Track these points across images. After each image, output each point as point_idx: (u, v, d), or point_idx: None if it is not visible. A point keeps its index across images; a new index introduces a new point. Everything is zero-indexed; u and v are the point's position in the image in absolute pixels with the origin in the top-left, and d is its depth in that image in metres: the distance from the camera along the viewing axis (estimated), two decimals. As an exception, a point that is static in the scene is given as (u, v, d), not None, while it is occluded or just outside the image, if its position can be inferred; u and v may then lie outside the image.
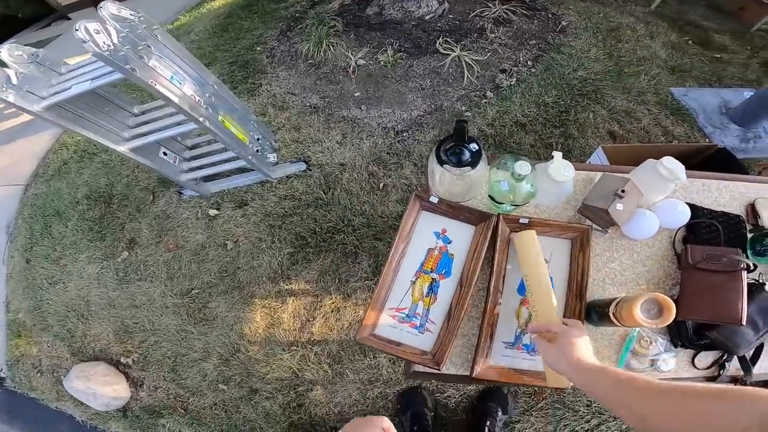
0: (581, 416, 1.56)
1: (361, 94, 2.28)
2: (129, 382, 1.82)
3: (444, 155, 0.89)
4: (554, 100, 2.11)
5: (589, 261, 0.94)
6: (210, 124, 1.51)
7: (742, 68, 2.36)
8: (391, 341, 0.92)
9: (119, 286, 1.99)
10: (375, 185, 1.94)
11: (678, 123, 2.10)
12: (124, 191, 2.22)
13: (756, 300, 0.90)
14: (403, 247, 0.99)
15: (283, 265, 1.84)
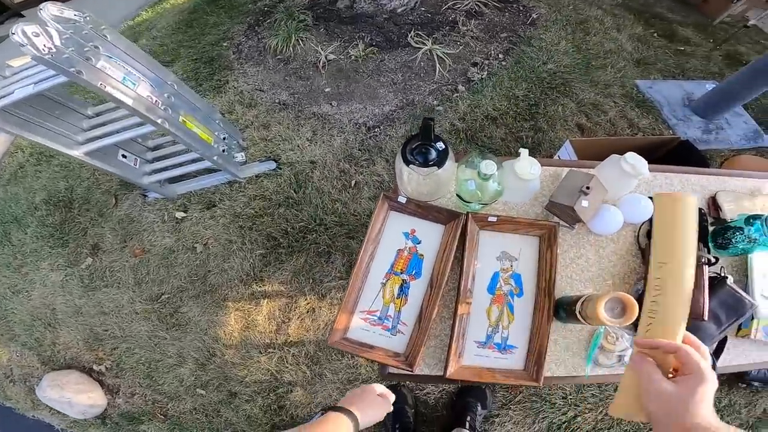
0: (558, 408, 1.59)
1: (331, 90, 2.22)
2: (104, 390, 1.76)
3: (410, 155, 0.87)
4: (524, 93, 2.13)
5: (556, 258, 0.95)
6: (170, 126, 1.45)
7: (704, 61, 2.43)
8: (363, 344, 0.90)
9: (85, 293, 1.91)
10: (347, 183, 1.91)
11: (643, 115, 2.15)
12: (85, 195, 2.11)
13: (718, 294, 0.91)
14: (372, 249, 0.97)
15: (255, 266, 1.80)
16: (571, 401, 1.60)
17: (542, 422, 1.57)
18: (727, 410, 1.65)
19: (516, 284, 0.97)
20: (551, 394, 1.61)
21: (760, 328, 0.95)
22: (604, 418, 1.58)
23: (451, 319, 0.92)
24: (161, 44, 2.83)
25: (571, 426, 1.57)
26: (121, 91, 1.29)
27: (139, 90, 1.37)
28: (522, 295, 0.96)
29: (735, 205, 1.08)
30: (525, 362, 0.91)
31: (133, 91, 1.35)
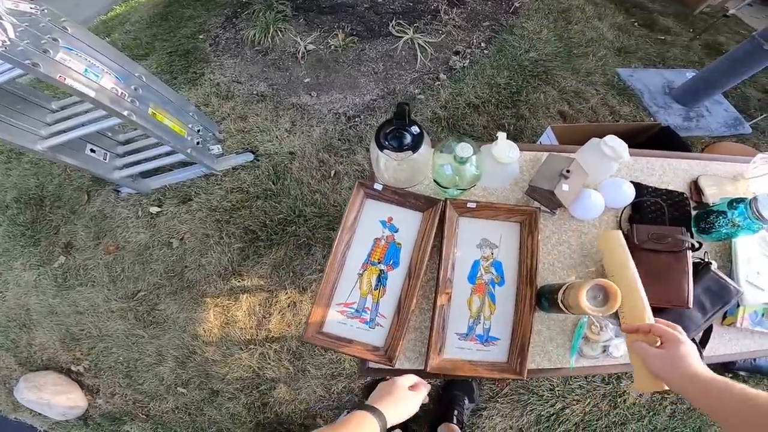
0: (546, 400, 1.57)
1: (311, 80, 2.16)
2: (84, 390, 1.70)
3: (384, 140, 0.83)
4: (506, 81, 2.10)
5: (538, 244, 0.92)
6: (137, 118, 1.39)
7: (684, 50, 2.43)
8: (341, 338, 0.86)
9: (59, 292, 1.82)
10: (326, 173, 1.86)
11: (624, 103, 2.14)
12: (57, 192, 2.01)
13: (702, 280, 0.89)
14: (348, 239, 0.93)
15: (234, 261, 1.74)
16: (558, 393, 1.58)
17: (530, 415, 1.55)
18: None
19: (497, 273, 0.94)
20: (539, 386, 1.59)
21: (746, 316, 0.94)
22: (593, 409, 1.57)
23: (431, 310, 0.88)
24: (135, 38, 2.71)
25: (560, 418, 1.55)
26: (82, 83, 1.24)
27: (102, 82, 1.31)
28: (503, 284, 0.92)
29: (717, 189, 1.06)
30: (508, 354, 0.87)
31: (96, 83, 1.29)
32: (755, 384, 1.65)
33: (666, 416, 1.60)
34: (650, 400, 1.61)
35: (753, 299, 0.92)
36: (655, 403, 1.61)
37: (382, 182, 0.95)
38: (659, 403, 1.62)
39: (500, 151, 0.94)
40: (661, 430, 1.59)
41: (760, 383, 1.65)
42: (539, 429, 1.54)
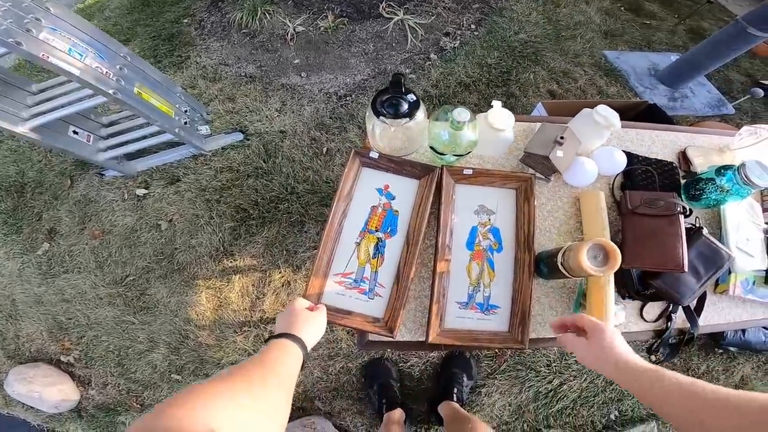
0: (543, 376, 1.57)
1: (300, 61, 2.10)
2: (75, 381, 1.63)
3: (380, 107, 0.81)
4: (497, 61, 2.08)
5: (534, 210, 0.90)
6: (123, 96, 1.34)
7: (669, 34, 2.45)
8: (339, 310, 0.83)
9: (44, 280, 1.74)
10: (318, 150, 1.81)
11: (611, 83, 2.15)
12: (38, 178, 1.91)
13: (695, 245, 0.88)
14: (344, 207, 0.90)
15: (225, 241, 1.68)
16: (555, 369, 1.58)
17: (528, 391, 1.54)
18: (706, 377, 1.63)
19: (495, 239, 0.91)
20: (535, 361, 1.58)
21: (738, 284, 0.93)
22: (589, 386, 1.57)
23: (431, 278, 0.85)
24: (115, 24, 2.59)
25: (557, 394, 1.55)
26: (66, 62, 1.19)
27: (87, 61, 1.26)
28: (501, 250, 0.91)
29: (704, 159, 1.07)
30: (509, 323, 0.85)
31: (81, 62, 1.24)
32: (745, 360, 1.67)
33: None
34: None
35: (744, 265, 0.92)
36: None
37: (378, 151, 0.92)
38: None
39: (496, 117, 0.93)
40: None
41: (749, 360, 1.67)
42: (537, 406, 1.54)
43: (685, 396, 0.47)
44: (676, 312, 0.90)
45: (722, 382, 1.63)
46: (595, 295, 0.84)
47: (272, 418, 0.42)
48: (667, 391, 0.48)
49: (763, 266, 0.93)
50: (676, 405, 0.47)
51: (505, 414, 1.52)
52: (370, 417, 1.52)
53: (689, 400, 0.46)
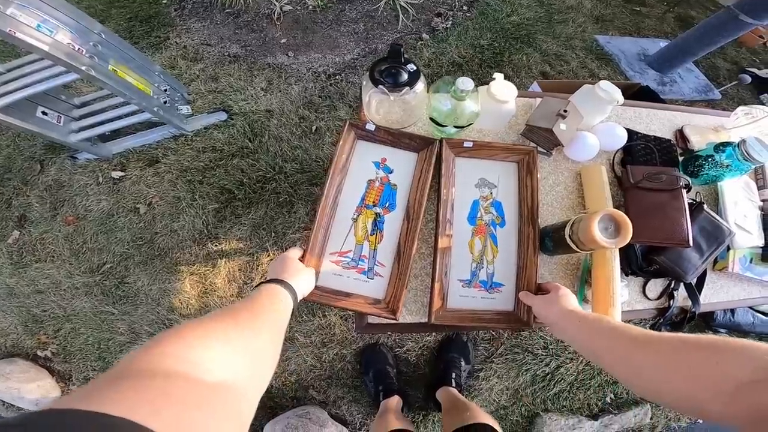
0: (540, 359, 1.55)
1: (287, 41, 2.00)
2: (55, 377, 1.53)
3: (379, 76, 0.76)
4: (489, 42, 2.04)
5: (538, 183, 0.86)
6: (96, 73, 1.25)
7: (658, 21, 2.47)
8: (338, 292, 0.77)
9: (16, 271, 1.61)
10: (307, 129, 1.74)
11: (603, 66, 2.15)
12: (5, 164, 1.77)
13: (697, 221, 0.87)
14: (339, 181, 0.83)
15: (209, 223, 1.59)
16: (552, 351, 1.56)
17: (526, 374, 1.52)
18: None
19: (497, 213, 0.87)
20: (533, 344, 1.56)
21: (737, 260, 0.92)
22: (586, 368, 1.57)
23: (431, 255, 0.81)
24: (88, 6, 2.40)
25: (555, 377, 1.54)
26: (35, 38, 1.12)
27: (57, 37, 1.18)
28: (504, 225, 0.86)
29: (701, 138, 1.07)
30: (514, 302, 0.81)
31: (50, 38, 1.16)
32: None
33: None
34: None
35: (743, 242, 0.92)
36: None
37: (372, 122, 0.87)
38: None
39: (498, 89, 0.90)
40: None
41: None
42: (535, 389, 1.52)
43: (620, 341, 0.51)
44: (677, 289, 0.89)
45: None
46: (600, 270, 0.81)
47: (262, 362, 0.41)
48: (604, 331, 0.54)
49: (760, 242, 0.93)
50: (613, 349, 0.52)
51: (503, 398, 1.50)
52: (367, 405, 1.47)
53: (624, 343, 0.50)
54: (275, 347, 0.44)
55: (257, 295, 0.51)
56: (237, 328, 0.40)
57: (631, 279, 0.89)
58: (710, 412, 0.38)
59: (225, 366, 0.34)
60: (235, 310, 0.44)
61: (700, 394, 0.39)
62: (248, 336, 0.40)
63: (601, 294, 0.78)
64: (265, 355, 0.42)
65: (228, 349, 0.36)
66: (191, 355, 0.33)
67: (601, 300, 0.78)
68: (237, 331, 0.39)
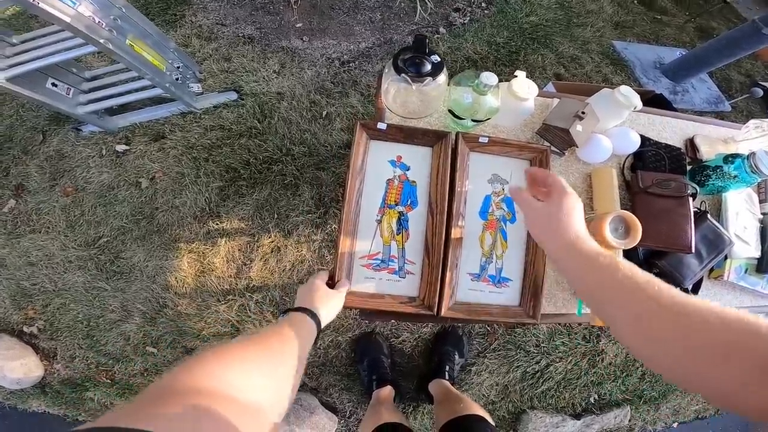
0: (532, 357, 1.59)
1: (303, 25, 2.02)
2: (39, 355, 1.54)
3: (402, 64, 0.78)
4: (506, 41, 2.06)
5: None
6: (114, 47, 1.28)
7: (678, 30, 2.50)
8: (372, 295, 0.79)
9: (8, 241, 1.61)
10: (317, 113, 1.75)
11: (617, 72, 2.18)
12: (6, 133, 1.77)
13: (699, 228, 0.91)
14: (359, 184, 0.84)
15: (212, 201, 1.61)
16: (543, 349, 1.60)
17: (516, 371, 1.56)
18: None
19: (508, 209, 0.90)
20: (526, 341, 1.60)
21: (733, 269, 0.96)
22: (573, 368, 1.62)
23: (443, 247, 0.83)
24: None
25: (544, 375, 1.58)
26: (58, 9, 1.13)
27: (80, 9, 1.19)
28: (515, 221, 0.89)
29: (710, 148, 1.10)
30: (520, 297, 0.84)
31: (73, 10, 1.17)
32: None
33: (637, 378, 1.69)
34: (624, 361, 1.69)
35: (740, 252, 0.96)
36: (629, 364, 1.69)
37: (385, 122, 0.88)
38: (632, 364, 1.70)
39: (520, 86, 0.92)
40: (631, 391, 1.68)
41: None
42: (523, 386, 1.57)
43: (622, 285, 0.44)
44: None
45: None
46: None
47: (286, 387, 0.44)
48: (602, 277, 0.45)
49: (757, 254, 0.97)
50: (611, 291, 0.45)
51: (492, 394, 1.55)
52: (358, 394, 1.50)
53: (623, 288, 0.44)
54: (298, 375, 0.48)
55: (286, 323, 0.54)
56: (268, 354, 0.44)
57: None
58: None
59: (257, 389, 0.38)
60: (267, 337, 0.48)
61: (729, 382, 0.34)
62: (277, 363, 0.44)
63: None
64: (288, 382, 0.45)
65: (260, 374, 0.40)
66: (230, 376, 0.36)
67: None
68: (267, 357, 0.44)
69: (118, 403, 1.52)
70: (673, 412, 1.75)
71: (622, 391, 1.66)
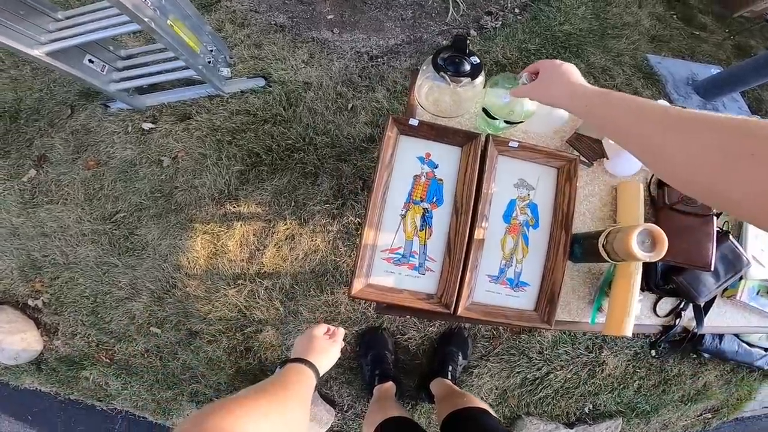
0: (533, 363, 1.60)
1: (334, 17, 2.05)
2: (40, 330, 1.57)
3: (441, 62, 0.80)
4: (537, 47, 2.06)
5: (575, 191, 0.89)
6: (156, 26, 1.31)
7: (715, 48, 2.45)
8: (390, 289, 0.81)
9: (24, 210, 1.65)
10: (343, 105, 1.77)
11: (647, 86, 2.16)
12: (35, 106, 1.81)
13: (720, 247, 0.91)
14: (386, 177, 0.86)
15: (231, 184, 1.63)
16: (546, 357, 1.62)
17: (516, 376, 1.58)
18: (675, 380, 1.74)
19: (532, 215, 0.90)
20: (529, 347, 1.61)
21: (746, 290, 0.98)
22: (573, 377, 1.64)
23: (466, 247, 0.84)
24: None
25: (543, 382, 1.60)
26: None
27: None
28: (538, 227, 0.90)
29: None
30: (536, 302, 0.86)
31: None
32: (713, 367, 1.79)
33: (632, 391, 1.71)
34: (623, 373, 1.71)
35: (756, 274, 0.98)
36: (627, 376, 1.71)
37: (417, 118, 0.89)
38: (630, 376, 1.71)
39: None
40: (626, 403, 1.70)
41: (717, 367, 1.78)
42: (522, 392, 1.59)
43: (635, 116, 0.48)
44: (686, 310, 0.95)
45: (687, 386, 1.75)
46: (622, 282, 0.85)
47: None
48: (616, 111, 0.50)
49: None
50: (627, 126, 0.49)
51: (491, 397, 1.56)
52: (358, 388, 1.51)
53: (640, 119, 0.47)
54: (304, 420, 0.53)
55: (287, 374, 0.60)
56: (274, 404, 0.49)
57: (645, 295, 0.94)
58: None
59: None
60: (272, 388, 0.53)
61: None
62: (282, 411, 0.49)
63: (619, 305, 0.84)
64: (298, 429, 0.51)
65: (268, 424, 0.45)
66: (239, 428, 0.41)
67: (617, 310, 0.83)
68: (274, 407, 0.48)
69: (113, 384, 1.55)
70: (662, 427, 1.78)
71: (617, 402, 1.68)
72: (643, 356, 1.74)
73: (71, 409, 1.59)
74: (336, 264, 1.58)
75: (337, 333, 0.77)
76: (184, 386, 1.54)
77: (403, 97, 1.79)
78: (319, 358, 0.68)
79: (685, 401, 1.75)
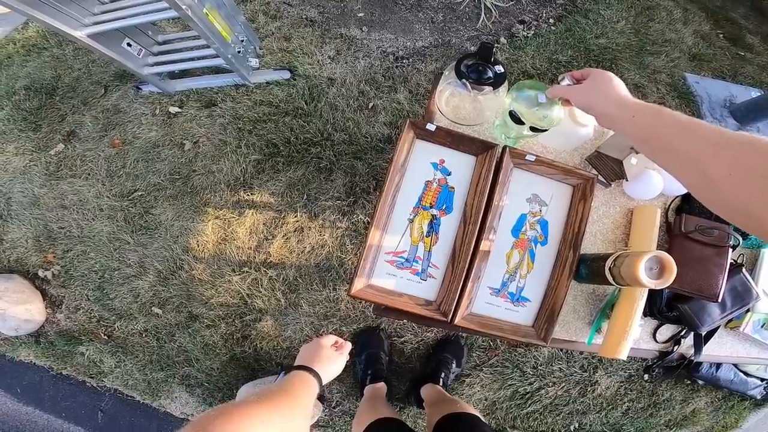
0: (526, 378, 1.61)
1: (364, 15, 2.09)
2: (45, 302, 1.64)
3: (464, 69, 0.80)
4: (568, 60, 2.03)
5: (589, 211, 0.89)
6: (192, 14, 1.38)
7: (759, 69, 2.37)
8: (390, 292, 0.83)
9: (48, 182, 1.76)
10: (364, 104, 1.81)
11: (682, 106, 2.10)
12: (72, 84, 1.93)
13: (731, 280, 0.90)
14: (398, 180, 0.87)
15: (247, 172, 1.70)
16: (540, 372, 1.62)
17: (508, 389, 1.59)
18: (665, 404, 1.72)
19: (542, 231, 0.91)
20: (524, 362, 1.62)
21: (751, 322, 0.98)
22: (563, 394, 1.64)
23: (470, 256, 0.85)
24: None
25: (533, 397, 1.61)
26: None
27: None
28: (546, 243, 0.90)
29: None
30: (535, 318, 0.86)
31: None
32: (705, 394, 1.77)
33: (620, 412, 1.69)
34: (614, 394, 1.69)
35: (763, 308, 0.96)
36: (617, 397, 1.69)
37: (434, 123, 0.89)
38: (620, 398, 1.69)
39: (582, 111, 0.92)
40: (611, 424, 1.69)
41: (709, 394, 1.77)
42: (510, 405, 1.60)
43: (684, 136, 0.47)
44: (686, 337, 0.96)
45: (675, 411, 1.72)
46: (624, 306, 0.85)
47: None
48: (665, 128, 0.50)
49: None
50: (675, 145, 0.48)
51: (479, 408, 1.57)
52: (348, 385, 1.55)
53: (689, 140, 0.46)
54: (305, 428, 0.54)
55: (291, 381, 0.61)
56: (276, 412, 0.50)
57: (647, 320, 0.94)
58: None
59: None
60: (275, 396, 0.55)
61: None
62: (285, 419, 0.51)
63: (618, 328, 0.84)
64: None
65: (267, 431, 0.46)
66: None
67: (615, 333, 0.84)
68: (276, 414, 0.50)
69: (107, 361, 1.60)
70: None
71: (603, 423, 1.67)
72: (636, 379, 1.72)
73: (61, 384, 1.64)
74: (341, 261, 1.61)
75: (344, 346, 0.78)
76: (177, 368, 1.60)
77: (425, 100, 1.80)
78: (325, 368, 0.70)
79: (671, 426, 1.72)
